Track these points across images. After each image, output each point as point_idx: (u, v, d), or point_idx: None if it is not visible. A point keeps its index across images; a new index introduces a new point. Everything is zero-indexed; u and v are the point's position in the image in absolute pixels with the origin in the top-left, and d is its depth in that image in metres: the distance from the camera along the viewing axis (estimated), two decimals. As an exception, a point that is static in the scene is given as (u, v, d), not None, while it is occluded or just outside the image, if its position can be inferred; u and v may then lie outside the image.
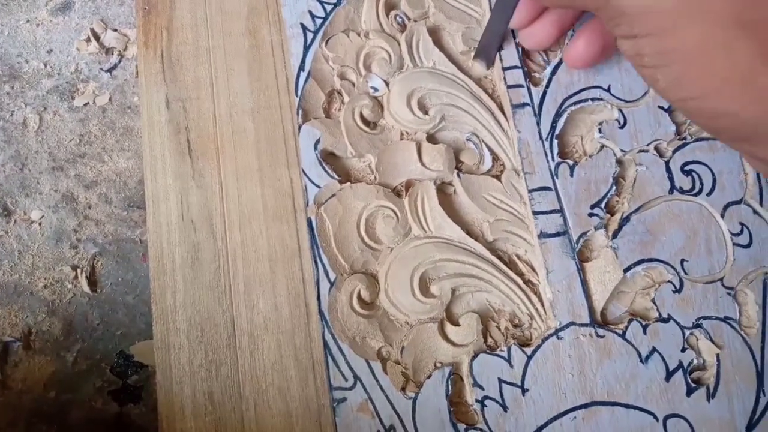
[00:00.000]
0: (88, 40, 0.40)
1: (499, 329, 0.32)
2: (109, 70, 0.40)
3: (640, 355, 0.31)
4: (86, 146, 0.38)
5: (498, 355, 0.31)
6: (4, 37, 0.40)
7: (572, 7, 0.31)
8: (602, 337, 0.31)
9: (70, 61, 0.40)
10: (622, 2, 0.23)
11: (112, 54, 0.40)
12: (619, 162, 0.34)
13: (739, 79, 0.21)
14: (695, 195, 0.33)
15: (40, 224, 0.36)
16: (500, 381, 0.30)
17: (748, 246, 0.33)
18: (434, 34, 0.36)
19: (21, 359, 0.34)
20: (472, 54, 0.36)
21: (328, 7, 0.36)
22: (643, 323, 0.31)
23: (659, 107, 0.34)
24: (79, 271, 0.36)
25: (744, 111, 0.22)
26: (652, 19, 0.22)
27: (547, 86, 0.35)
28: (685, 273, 0.32)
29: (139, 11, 0.35)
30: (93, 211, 0.37)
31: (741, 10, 0.21)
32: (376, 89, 0.35)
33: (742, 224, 0.33)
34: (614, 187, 0.33)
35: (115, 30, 0.41)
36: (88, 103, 0.39)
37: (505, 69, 0.35)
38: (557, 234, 0.32)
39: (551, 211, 0.33)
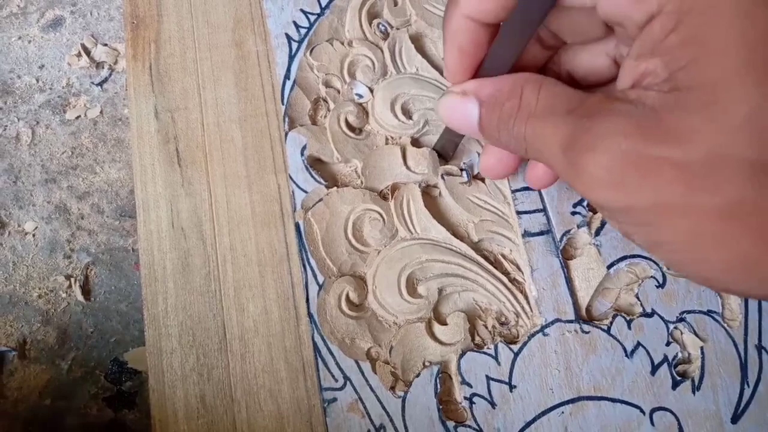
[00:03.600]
0: (78, 55, 0.41)
1: (486, 327, 0.32)
2: (100, 84, 0.41)
3: (625, 350, 0.31)
4: (78, 158, 0.39)
5: (485, 353, 0.31)
6: (-4, 54, 0.41)
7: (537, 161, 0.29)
8: (587, 332, 0.31)
9: (61, 75, 0.41)
10: (592, 197, 0.22)
11: (103, 68, 0.41)
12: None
13: (740, 267, 0.20)
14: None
15: (33, 235, 0.37)
16: (488, 378, 0.31)
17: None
18: (416, 41, 0.37)
19: (16, 368, 0.34)
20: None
21: (312, 17, 0.37)
22: (628, 318, 0.32)
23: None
24: (72, 280, 0.36)
25: (751, 291, 0.21)
26: (632, 215, 0.21)
27: (527, 89, 0.35)
28: (668, 268, 0.33)
29: (128, 25, 0.36)
30: (86, 221, 0.37)
31: (728, 203, 0.19)
32: (360, 96, 0.36)
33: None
34: (596, 186, 0.34)
35: (105, 45, 0.42)
36: (79, 116, 0.40)
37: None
38: (541, 233, 0.33)
39: (534, 211, 0.33)
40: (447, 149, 0.34)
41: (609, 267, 0.32)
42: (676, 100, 0.20)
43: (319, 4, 0.37)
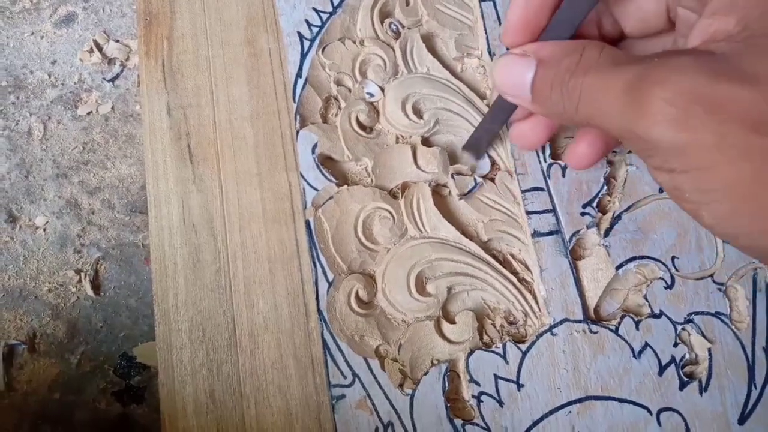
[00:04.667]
0: (91, 51, 0.41)
1: (495, 326, 0.32)
2: (112, 80, 0.41)
3: (633, 351, 0.31)
4: (89, 154, 0.39)
5: (493, 352, 0.31)
6: (9, 49, 0.41)
7: (591, 127, 0.28)
8: (596, 333, 0.32)
9: (73, 71, 0.41)
10: (652, 135, 0.20)
11: (115, 64, 0.41)
12: (610, 162, 0.35)
13: None
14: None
15: (44, 230, 0.37)
16: (496, 377, 0.31)
17: (737, 242, 0.33)
18: (428, 40, 0.37)
19: (26, 362, 0.35)
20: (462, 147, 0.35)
21: (324, 16, 0.37)
22: (636, 319, 0.32)
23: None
24: (82, 275, 0.36)
25: None
26: (691, 155, 0.20)
27: (538, 90, 0.36)
28: (676, 269, 0.33)
29: (141, 22, 0.37)
30: (96, 216, 0.37)
31: None
32: (371, 95, 0.36)
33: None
34: (605, 187, 0.34)
35: (117, 41, 0.42)
36: (91, 112, 0.40)
37: (497, 73, 0.36)
38: (550, 233, 0.33)
39: (544, 211, 0.34)
40: (481, 142, 0.34)
41: (618, 268, 0.33)
42: (747, 46, 0.19)
43: (332, 3, 0.37)
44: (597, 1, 0.25)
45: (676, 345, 0.32)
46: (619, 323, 0.32)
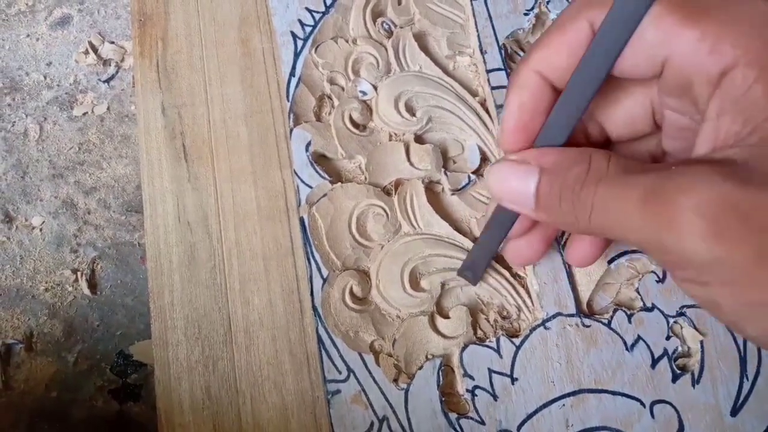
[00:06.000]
0: (86, 52, 0.42)
1: (488, 321, 0.32)
2: (107, 81, 0.41)
3: (625, 344, 0.32)
4: (85, 154, 0.39)
5: (487, 346, 0.31)
6: (5, 51, 0.41)
7: (610, 238, 0.27)
8: (588, 326, 0.32)
9: (69, 72, 0.41)
10: (684, 249, 0.19)
11: (110, 65, 0.42)
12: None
13: None
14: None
15: (41, 230, 0.37)
16: (490, 371, 0.31)
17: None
18: (420, 39, 0.37)
19: (23, 360, 0.35)
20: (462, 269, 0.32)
21: (317, 16, 0.38)
22: (628, 312, 0.32)
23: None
24: (79, 274, 0.37)
25: None
26: (729, 269, 0.18)
27: (529, 86, 0.36)
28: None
29: (135, 23, 0.37)
30: (92, 216, 0.38)
31: None
32: (364, 93, 0.36)
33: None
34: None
35: (112, 42, 0.42)
36: (86, 112, 0.40)
37: (489, 71, 0.36)
38: (542, 228, 0.33)
39: (536, 206, 0.34)
40: (478, 265, 0.32)
41: (610, 262, 0.33)
42: (765, 150, 0.18)
43: (324, 3, 0.38)
44: (589, 105, 0.24)
45: (668, 338, 0.32)
46: (612, 317, 0.32)
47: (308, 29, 0.37)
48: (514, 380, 0.31)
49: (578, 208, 0.22)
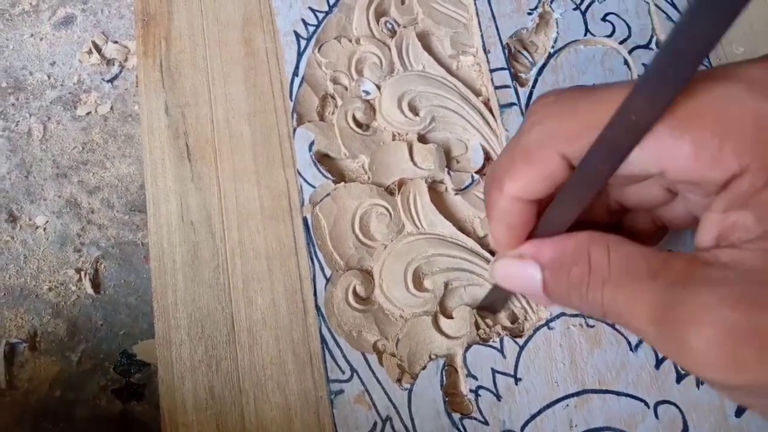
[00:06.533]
0: (89, 52, 0.42)
1: (492, 321, 0.32)
2: (111, 81, 0.41)
3: (629, 344, 0.32)
4: (89, 153, 0.39)
5: (491, 346, 0.31)
6: (9, 51, 0.41)
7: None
8: (592, 326, 0.32)
9: (72, 72, 0.41)
10: (711, 378, 0.19)
11: (113, 65, 0.42)
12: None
13: None
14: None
15: (44, 229, 0.37)
16: (493, 371, 0.31)
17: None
18: (423, 38, 0.37)
19: (27, 360, 0.35)
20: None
21: (320, 15, 0.38)
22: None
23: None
24: (82, 273, 0.37)
25: None
26: (755, 390, 0.18)
27: (533, 86, 0.36)
28: None
29: (139, 22, 0.37)
30: (96, 215, 0.38)
31: None
32: (368, 93, 0.36)
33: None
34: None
35: (116, 42, 0.42)
36: (90, 112, 0.40)
37: (492, 71, 0.36)
38: (546, 228, 0.33)
39: (540, 206, 0.34)
40: (496, 305, 0.32)
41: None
42: None
43: (327, 2, 0.38)
44: (591, 200, 0.22)
45: (672, 338, 0.32)
46: (616, 317, 0.32)
47: (311, 29, 0.37)
48: (517, 380, 0.31)
49: (589, 306, 0.22)
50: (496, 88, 0.36)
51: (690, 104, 0.19)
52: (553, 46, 0.37)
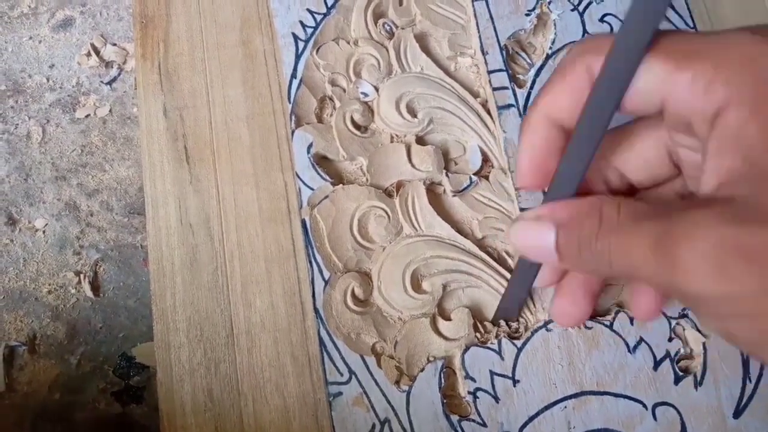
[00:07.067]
0: (88, 54, 0.42)
1: (490, 323, 0.32)
2: (109, 83, 0.41)
3: (627, 345, 0.32)
4: (88, 156, 0.39)
5: (489, 348, 0.31)
6: (8, 54, 0.41)
7: (619, 278, 0.27)
8: (590, 328, 0.32)
9: (71, 75, 0.41)
10: (693, 290, 0.20)
11: (112, 67, 0.42)
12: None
13: None
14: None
15: (44, 232, 0.37)
16: (492, 373, 0.31)
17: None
18: (421, 40, 0.37)
19: (26, 363, 0.35)
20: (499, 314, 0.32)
21: (318, 17, 0.38)
22: (630, 314, 0.32)
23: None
24: (82, 276, 0.37)
25: None
26: (738, 303, 0.19)
27: (531, 88, 0.36)
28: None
29: (137, 25, 0.37)
30: (95, 218, 0.38)
31: None
32: (366, 94, 0.36)
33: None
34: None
35: (115, 44, 0.42)
36: (89, 114, 0.40)
37: (490, 72, 0.36)
38: (544, 229, 0.33)
39: (538, 208, 0.34)
40: (511, 310, 0.32)
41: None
42: (762, 185, 0.19)
43: (326, 4, 0.38)
44: (595, 152, 0.24)
45: (670, 340, 0.32)
46: (614, 318, 0.32)
47: (309, 31, 0.37)
48: (515, 382, 0.31)
49: (598, 258, 0.23)
50: (494, 89, 0.36)
51: (695, 45, 0.21)
52: (551, 47, 0.37)
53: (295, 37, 0.37)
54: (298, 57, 0.37)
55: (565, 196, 0.25)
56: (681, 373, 0.31)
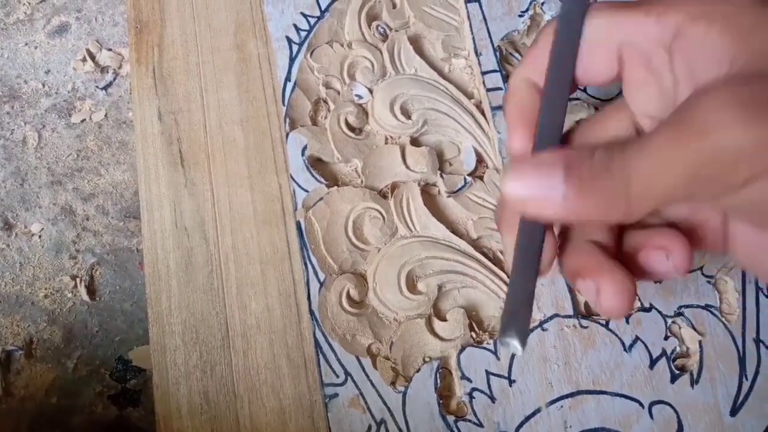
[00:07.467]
0: (84, 59, 0.42)
1: (485, 323, 0.32)
2: (105, 88, 0.41)
3: (623, 344, 0.32)
4: (83, 161, 0.39)
5: (485, 348, 0.31)
6: (3, 60, 0.42)
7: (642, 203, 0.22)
8: (586, 327, 0.32)
9: (67, 80, 0.41)
10: (725, 147, 0.18)
11: (107, 72, 0.42)
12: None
13: None
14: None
15: (40, 236, 0.37)
16: (488, 373, 0.31)
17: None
18: (415, 42, 0.38)
19: (23, 367, 0.35)
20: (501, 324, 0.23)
21: (312, 20, 0.38)
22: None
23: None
24: (78, 280, 0.37)
25: None
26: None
27: (525, 88, 0.36)
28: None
29: (132, 30, 0.37)
30: (91, 222, 0.38)
31: None
32: (360, 96, 0.36)
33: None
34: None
35: (110, 49, 0.42)
36: (84, 119, 0.40)
37: (484, 73, 0.36)
38: (539, 229, 0.33)
39: (532, 208, 0.34)
40: (519, 315, 0.22)
41: (607, 263, 0.33)
42: (757, 60, 0.19)
43: (319, 7, 0.38)
44: (566, 101, 0.24)
45: (666, 338, 0.32)
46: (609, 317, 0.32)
47: (303, 34, 0.37)
48: (511, 382, 0.31)
49: (615, 183, 0.20)
50: (488, 90, 0.36)
51: None
52: (544, 48, 0.37)
53: (289, 41, 0.37)
54: (292, 60, 0.37)
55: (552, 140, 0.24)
56: (677, 372, 0.31)
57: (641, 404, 0.31)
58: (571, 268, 0.24)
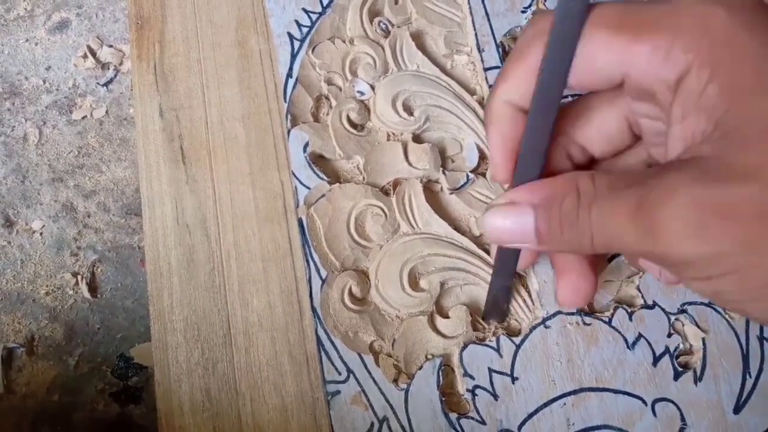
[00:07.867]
0: (84, 56, 0.42)
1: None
2: (106, 84, 0.41)
3: (626, 342, 0.31)
4: (84, 158, 0.39)
5: (487, 346, 0.31)
6: (4, 56, 0.41)
7: (604, 251, 0.26)
8: (589, 324, 0.32)
9: (68, 77, 0.41)
10: (675, 254, 0.20)
11: (108, 69, 0.42)
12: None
13: None
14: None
15: (41, 234, 0.37)
16: (490, 370, 0.31)
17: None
18: (417, 38, 0.37)
19: (25, 364, 0.35)
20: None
21: (314, 16, 0.38)
22: (629, 310, 0.32)
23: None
24: (79, 277, 0.37)
25: None
26: (720, 263, 0.20)
27: (527, 84, 0.36)
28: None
29: (133, 26, 0.37)
30: (92, 219, 0.38)
31: None
32: (362, 93, 0.36)
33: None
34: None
35: (111, 46, 0.42)
36: (85, 116, 0.40)
37: (486, 69, 0.36)
38: (542, 226, 0.33)
39: (535, 204, 0.34)
40: (499, 302, 0.31)
41: (610, 260, 0.33)
42: (728, 144, 0.19)
43: (321, 3, 0.38)
44: (553, 128, 0.24)
45: (670, 335, 0.32)
46: (613, 315, 0.32)
47: (305, 30, 0.37)
48: (514, 379, 0.31)
49: (580, 235, 0.23)
50: (491, 86, 0.36)
51: (649, 16, 0.21)
52: (547, 44, 0.37)
53: (291, 37, 0.37)
54: (293, 56, 0.37)
55: (532, 178, 0.25)
56: (680, 369, 0.31)
57: (644, 401, 0.30)
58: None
